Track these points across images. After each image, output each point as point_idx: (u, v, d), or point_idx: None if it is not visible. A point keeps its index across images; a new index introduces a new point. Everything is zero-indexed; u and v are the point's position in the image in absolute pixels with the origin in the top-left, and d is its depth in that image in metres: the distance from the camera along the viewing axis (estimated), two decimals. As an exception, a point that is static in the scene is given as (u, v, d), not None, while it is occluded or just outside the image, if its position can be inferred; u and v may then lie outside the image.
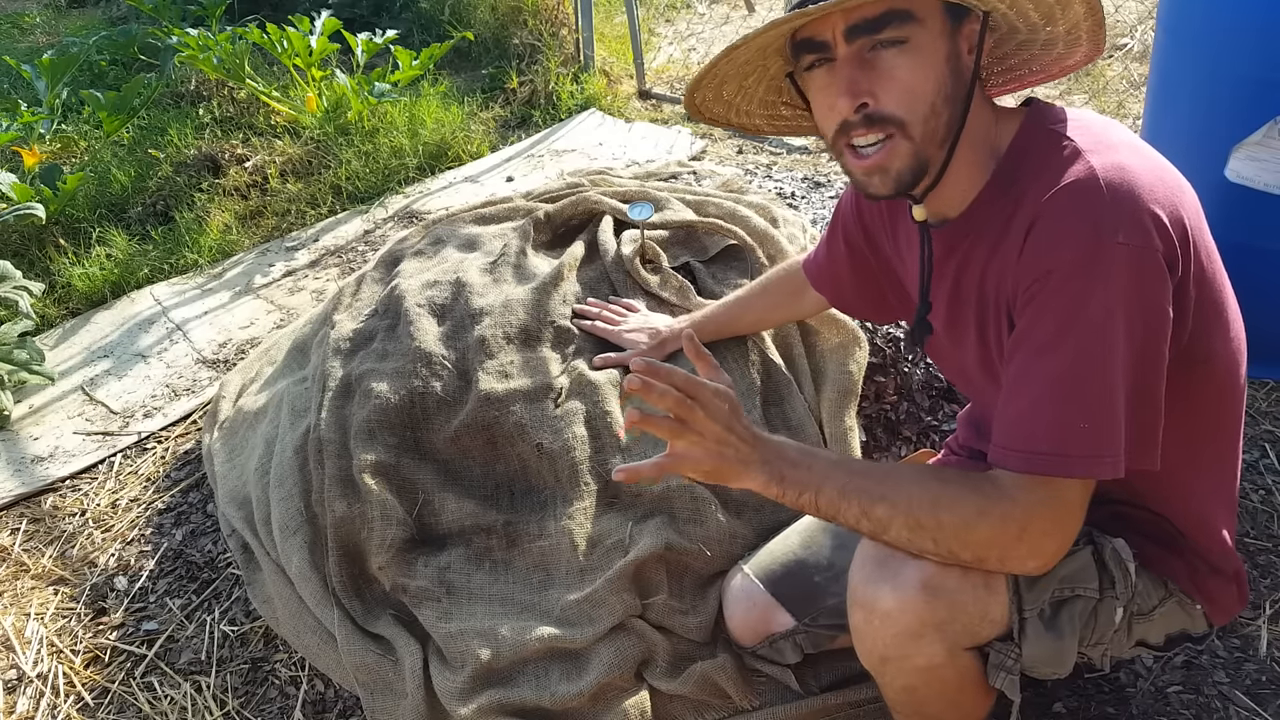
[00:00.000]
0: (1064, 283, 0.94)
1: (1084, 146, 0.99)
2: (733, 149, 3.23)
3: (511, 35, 3.92)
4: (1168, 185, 0.97)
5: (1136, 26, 3.75)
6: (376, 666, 1.45)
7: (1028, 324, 0.98)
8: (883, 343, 1.82)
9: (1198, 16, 1.85)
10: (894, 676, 1.13)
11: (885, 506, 1.01)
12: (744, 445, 1.02)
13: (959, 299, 1.13)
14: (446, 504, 1.60)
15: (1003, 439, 0.99)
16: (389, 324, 1.84)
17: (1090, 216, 0.94)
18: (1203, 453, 1.11)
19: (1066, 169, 0.98)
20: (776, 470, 1.02)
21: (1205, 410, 1.07)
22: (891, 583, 1.05)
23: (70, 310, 2.68)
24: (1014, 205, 1.02)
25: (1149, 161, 0.99)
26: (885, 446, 1.76)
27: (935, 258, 1.14)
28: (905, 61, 0.99)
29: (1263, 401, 1.95)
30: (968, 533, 0.98)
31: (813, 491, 1.02)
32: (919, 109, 1.00)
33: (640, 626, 1.43)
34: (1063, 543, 0.99)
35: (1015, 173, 1.04)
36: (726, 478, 1.03)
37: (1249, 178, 1.80)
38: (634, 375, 0.98)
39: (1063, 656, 1.11)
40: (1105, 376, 0.93)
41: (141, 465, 2.07)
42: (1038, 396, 0.96)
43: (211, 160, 3.25)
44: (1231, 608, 1.18)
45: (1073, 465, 0.94)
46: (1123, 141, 1.01)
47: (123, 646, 1.67)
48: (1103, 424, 0.94)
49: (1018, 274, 0.99)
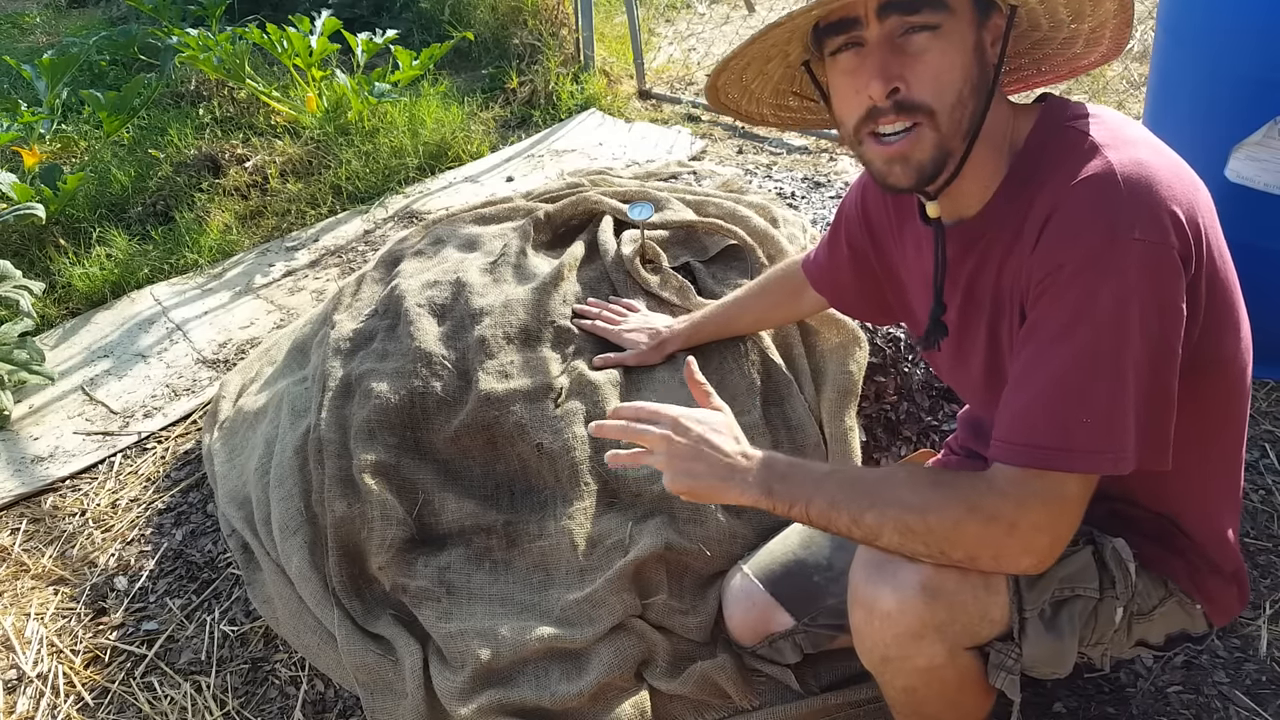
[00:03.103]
0: (1077, 276, 0.93)
1: (1102, 141, 0.98)
2: (733, 149, 3.23)
3: (511, 35, 3.92)
4: (1184, 183, 0.97)
5: (1137, 26, 3.75)
6: (376, 666, 1.45)
7: (1039, 316, 0.97)
8: (883, 343, 1.82)
9: (1198, 16, 1.85)
10: (895, 677, 1.13)
11: (874, 514, 1.01)
12: (723, 462, 1.09)
13: (972, 301, 1.12)
14: (446, 504, 1.60)
15: (1004, 432, 0.98)
16: (389, 324, 1.84)
17: (1107, 211, 0.93)
18: (1210, 453, 1.10)
19: (1084, 164, 0.97)
20: (765, 485, 1.07)
21: (1214, 410, 1.07)
22: (891, 584, 1.05)
23: (70, 310, 2.68)
24: (1030, 201, 1.01)
25: (1166, 159, 0.98)
26: (885, 446, 1.76)
27: (950, 258, 1.13)
28: (938, 48, 0.97)
29: (1263, 401, 1.95)
30: (957, 532, 0.98)
31: (803, 504, 1.05)
32: (947, 98, 0.99)
33: (640, 626, 1.43)
34: (1056, 539, 0.97)
35: (1032, 168, 1.03)
36: (710, 496, 1.10)
37: (1249, 178, 1.80)
38: (595, 426, 1.14)
39: (1063, 656, 1.11)
40: (1115, 372, 0.92)
41: (141, 465, 2.07)
42: (1043, 389, 0.95)
43: (211, 160, 3.25)
44: (1232, 608, 1.18)
45: (1073, 459, 0.94)
46: (1140, 138, 1.00)
47: (123, 646, 1.67)
48: (1108, 420, 0.93)
49: (1031, 267, 0.98)
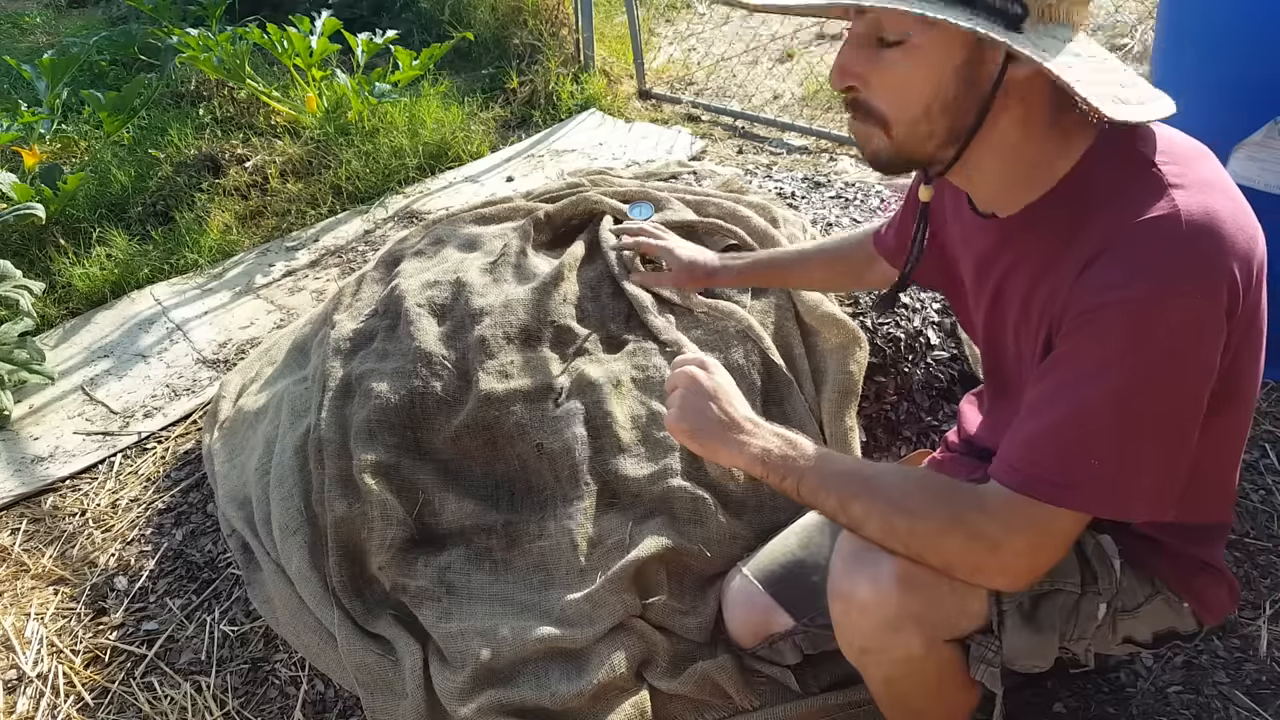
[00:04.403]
0: (1120, 320, 0.90)
1: (1171, 179, 0.93)
2: (733, 149, 3.23)
3: (511, 35, 3.91)
4: (1247, 235, 0.93)
5: (1136, 26, 3.75)
6: (376, 666, 1.45)
7: (1071, 349, 0.95)
8: (883, 343, 1.82)
9: (1198, 16, 1.84)
10: (874, 668, 1.13)
11: (862, 505, 1.02)
12: (728, 419, 1.13)
13: (1003, 297, 1.11)
14: (446, 504, 1.60)
15: (1008, 453, 0.98)
16: (389, 324, 1.84)
17: (1164, 259, 0.89)
18: (1205, 459, 1.09)
19: (1150, 202, 0.91)
20: (762, 451, 1.09)
21: (1217, 423, 1.06)
22: (869, 575, 1.05)
23: (70, 310, 2.68)
24: (1080, 223, 0.97)
25: (1234, 205, 0.93)
26: (885, 446, 1.76)
27: (988, 251, 1.11)
28: (905, 61, 0.95)
29: (1263, 401, 1.95)
30: (938, 541, 0.98)
31: (794, 478, 1.07)
32: (906, 113, 0.97)
33: (640, 626, 1.43)
34: (1035, 567, 0.98)
35: (1086, 189, 0.99)
36: (708, 449, 1.14)
37: (1249, 178, 1.79)
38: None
39: (1043, 650, 1.11)
40: (1134, 422, 0.91)
41: (141, 465, 2.07)
42: (1057, 421, 0.94)
43: (212, 160, 3.25)
44: (1223, 608, 1.17)
45: (1069, 496, 0.93)
46: (1213, 179, 0.95)
47: (123, 646, 1.67)
48: (1117, 468, 0.92)
49: (1072, 296, 0.95)
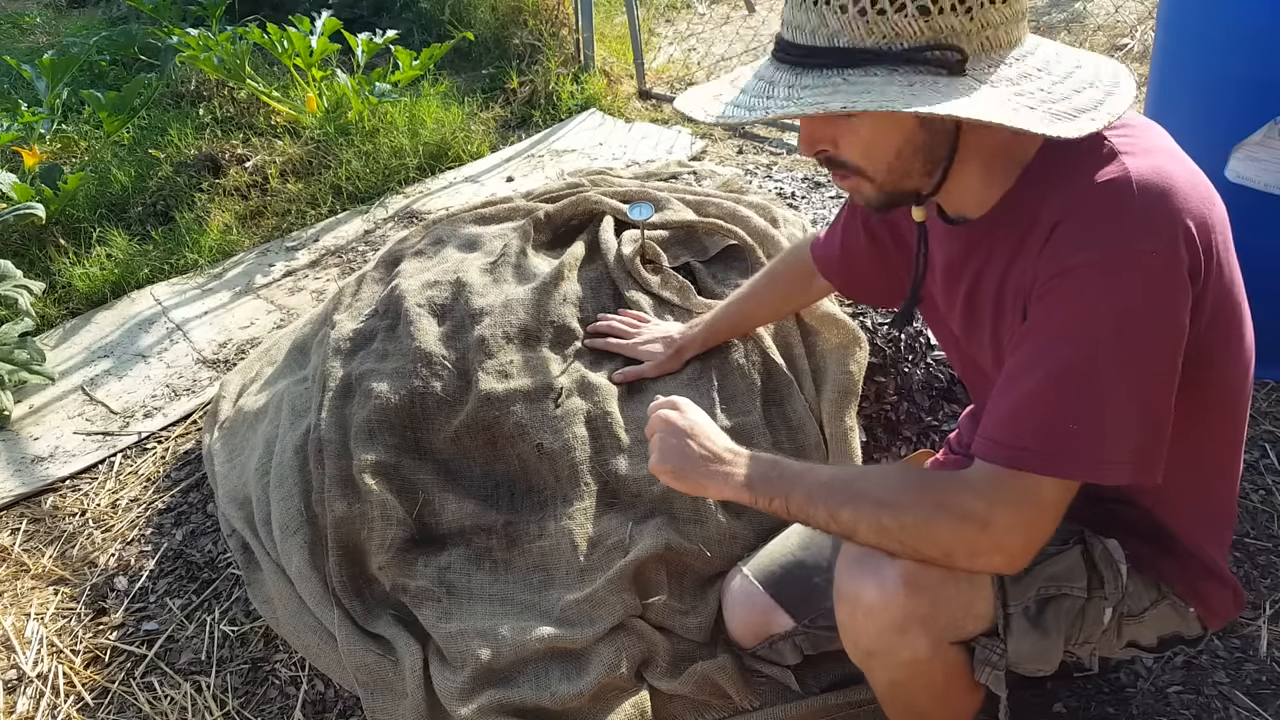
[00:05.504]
0: (1083, 282, 0.92)
1: (1121, 148, 0.96)
2: (733, 149, 3.23)
3: (511, 35, 3.91)
4: (1200, 195, 0.95)
5: (1137, 26, 3.75)
6: (376, 666, 1.45)
7: (1039, 316, 0.96)
8: (883, 343, 1.82)
9: (1198, 16, 1.84)
10: (879, 671, 1.13)
11: (849, 510, 1.02)
12: (708, 453, 1.14)
13: (977, 297, 1.12)
14: (446, 504, 1.60)
15: (987, 429, 0.98)
16: (389, 324, 1.84)
17: (1119, 219, 0.92)
18: (1205, 459, 1.10)
19: (1101, 168, 0.95)
20: (746, 480, 1.10)
21: (1212, 416, 1.06)
22: (874, 577, 1.05)
23: (70, 310, 2.68)
24: (1040, 201, 0.99)
25: (1185, 169, 0.96)
26: (885, 446, 1.76)
27: (956, 255, 1.13)
28: (871, 121, 0.96)
29: (1263, 401, 1.95)
30: (929, 530, 0.98)
31: (782, 498, 1.07)
32: (881, 162, 0.99)
33: (640, 626, 1.43)
34: (1030, 540, 0.97)
35: (1046, 170, 1.01)
36: (694, 486, 1.14)
37: (1249, 178, 1.79)
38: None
39: (1048, 654, 1.11)
40: (1109, 382, 0.92)
41: (141, 465, 2.07)
42: (1032, 390, 0.95)
43: (212, 160, 3.25)
44: (1227, 612, 1.17)
45: (1050, 463, 0.93)
46: (1162, 146, 0.98)
47: (123, 646, 1.67)
48: (1096, 429, 0.92)
49: (1037, 268, 0.97)
